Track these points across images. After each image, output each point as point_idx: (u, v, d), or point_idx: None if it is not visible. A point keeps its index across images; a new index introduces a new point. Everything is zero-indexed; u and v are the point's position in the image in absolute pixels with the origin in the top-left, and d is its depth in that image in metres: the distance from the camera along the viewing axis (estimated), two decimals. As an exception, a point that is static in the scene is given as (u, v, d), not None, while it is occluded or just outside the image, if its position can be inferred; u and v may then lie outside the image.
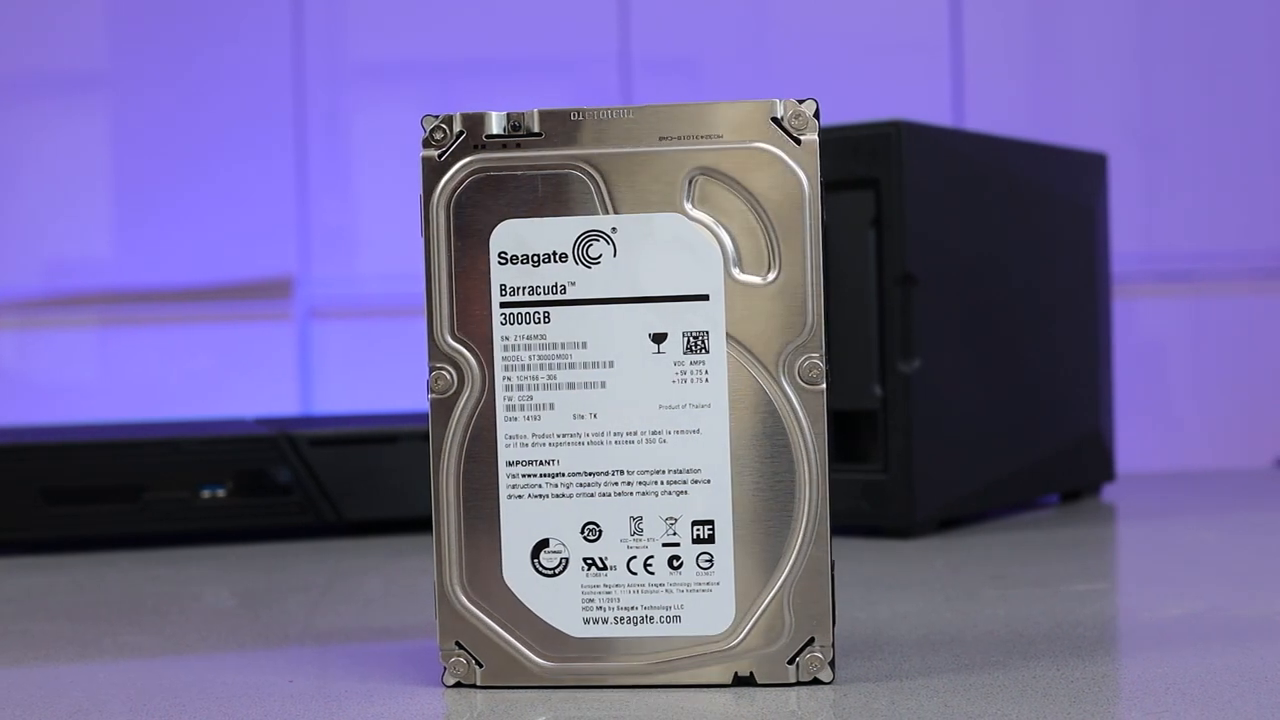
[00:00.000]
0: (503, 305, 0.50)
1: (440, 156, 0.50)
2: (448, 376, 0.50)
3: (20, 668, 0.57)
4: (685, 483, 0.49)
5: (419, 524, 0.89)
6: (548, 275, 0.50)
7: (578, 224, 0.49)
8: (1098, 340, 0.99)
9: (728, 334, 0.49)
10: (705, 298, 0.49)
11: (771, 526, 0.49)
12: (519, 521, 0.50)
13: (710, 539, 0.49)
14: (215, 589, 0.76)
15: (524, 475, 0.50)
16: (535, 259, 0.50)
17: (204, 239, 2.18)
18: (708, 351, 0.49)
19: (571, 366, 0.50)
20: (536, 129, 0.50)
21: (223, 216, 2.18)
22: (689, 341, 0.49)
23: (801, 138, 0.49)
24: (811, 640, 0.49)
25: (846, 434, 0.84)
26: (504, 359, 0.50)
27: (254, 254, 2.19)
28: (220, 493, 0.88)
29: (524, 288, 0.50)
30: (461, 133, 0.50)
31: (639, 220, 0.49)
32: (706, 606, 0.49)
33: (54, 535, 0.87)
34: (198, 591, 0.76)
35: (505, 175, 0.50)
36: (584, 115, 0.50)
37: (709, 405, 0.49)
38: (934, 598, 0.66)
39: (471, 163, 0.50)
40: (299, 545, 0.87)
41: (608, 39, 2.20)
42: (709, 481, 0.49)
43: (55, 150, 2.20)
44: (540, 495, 0.50)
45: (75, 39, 2.21)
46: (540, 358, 0.50)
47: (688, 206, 0.49)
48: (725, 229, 0.49)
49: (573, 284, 0.50)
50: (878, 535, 0.83)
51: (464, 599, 0.50)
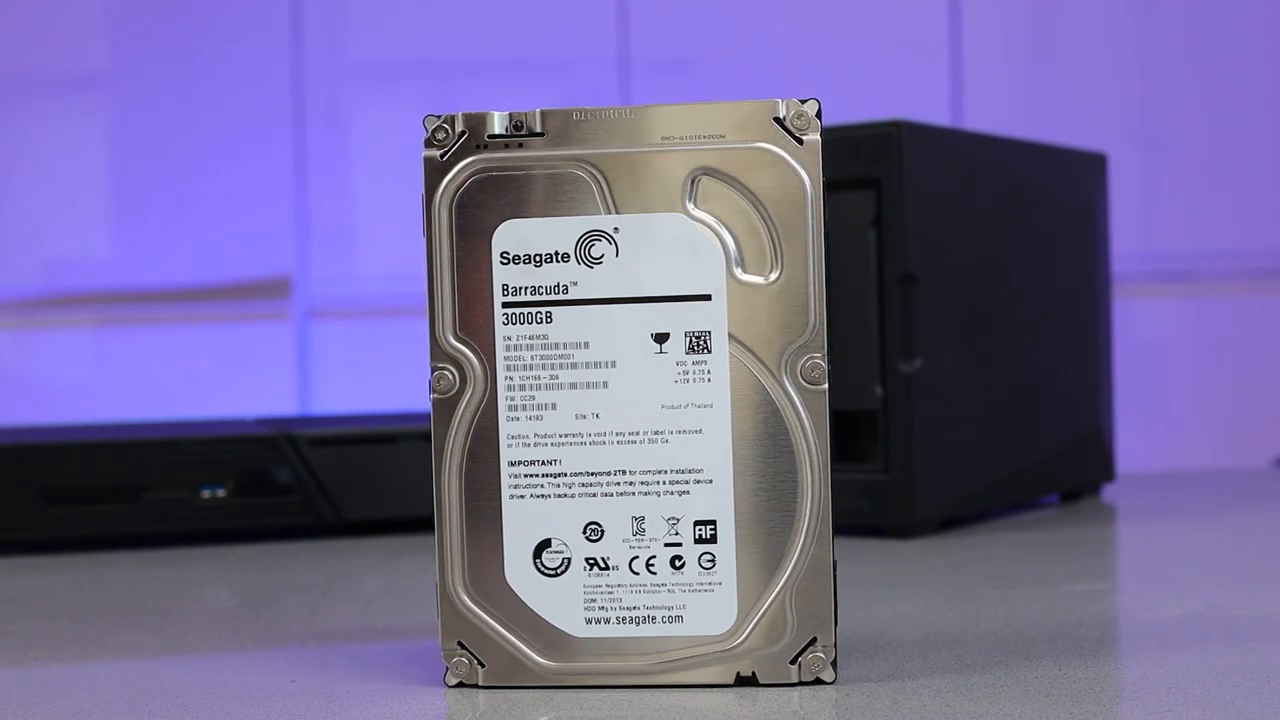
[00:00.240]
0: (505, 305, 0.50)
1: (442, 156, 0.50)
2: (450, 376, 0.50)
3: (21, 668, 0.57)
4: (687, 483, 0.49)
5: (419, 524, 0.89)
6: (550, 275, 0.50)
7: (580, 224, 0.49)
8: (1098, 340, 0.99)
9: (730, 334, 0.49)
10: (707, 298, 0.49)
11: (774, 526, 0.49)
12: (521, 521, 0.50)
13: (712, 539, 0.49)
14: (215, 589, 0.76)
15: (526, 475, 0.50)
16: (537, 259, 0.50)
17: (202, 239, 2.18)
18: (710, 351, 0.49)
19: (574, 366, 0.50)
20: (539, 129, 0.50)
21: (221, 216, 2.18)
22: (691, 341, 0.49)
23: (804, 138, 0.49)
24: (814, 640, 0.49)
25: (847, 434, 0.84)
26: (506, 359, 0.50)
27: (253, 254, 2.19)
28: (220, 493, 0.88)
29: (526, 288, 0.50)
30: (464, 133, 0.50)
31: (641, 220, 0.49)
32: (709, 606, 0.49)
33: (54, 535, 0.87)
34: (198, 591, 0.76)
35: (507, 175, 0.50)
36: (586, 115, 0.50)
37: (711, 405, 0.49)
38: (935, 598, 0.66)
39: (474, 163, 0.50)
40: (299, 545, 0.87)
41: (606, 39, 2.20)
42: (711, 481, 0.49)
43: (54, 150, 2.20)
44: (542, 495, 0.50)
45: (74, 39, 2.21)
46: (542, 358, 0.50)
47: (690, 206, 0.49)
48: (727, 229, 0.49)
49: (575, 284, 0.50)
50: (878, 535, 0.83)
51: (466, 599, 0.50)
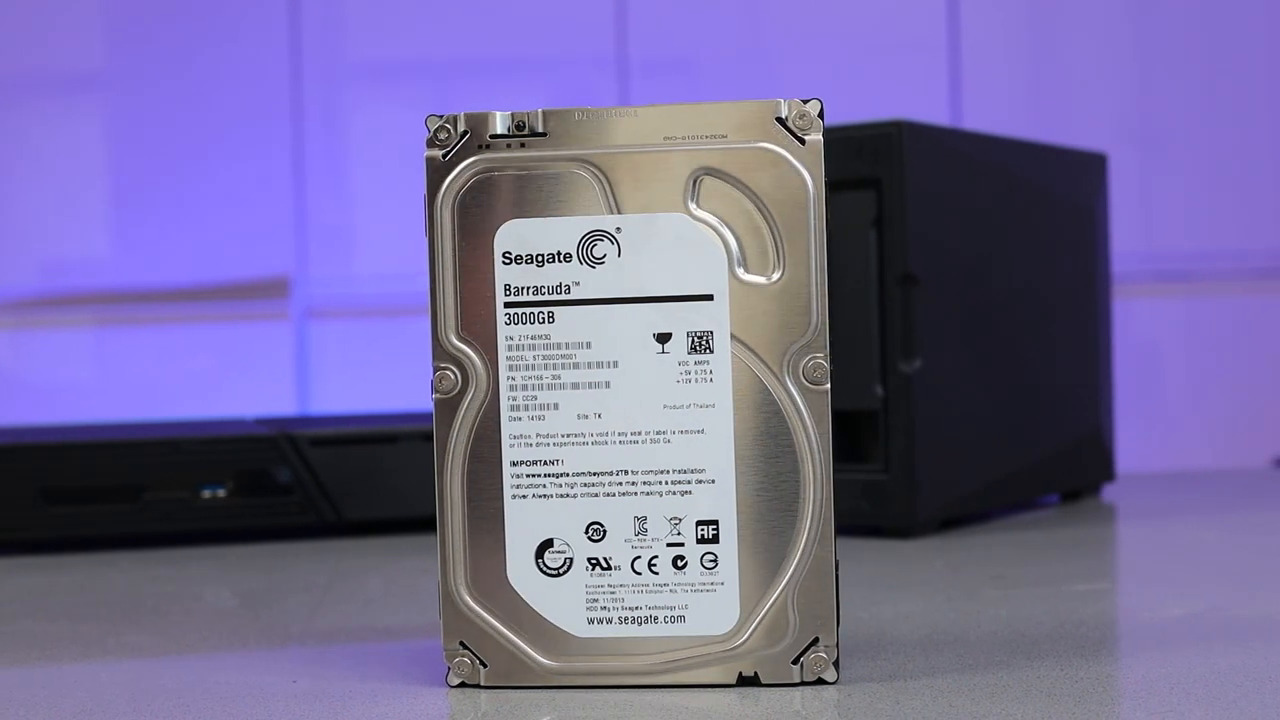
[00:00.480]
0: (507, 305, 0.50)
1: (444, 156, 0.50)
2: (452, 377, 0.50)
3: (23, 668, 0.57)
4: (690, 483, 0.49)
5: (419, 524, 0.89)
6: (552, 275, 0.50)
7: (582, 224, 0.49)
8: (1098, 340, 0.99)
9: (732, 334, 0.49)
10: (710, 298, 0.49)
11: (776, 526, 0.49)
12: (523, 521, 0.50)
13: (714, 539, 0.49)
14: (216, 589, 0.76)
15: (528, 475, 0.50)
16: (539, 259, 0.50)
17: (201, 239, 2.18)
18: (712, 351, 0.49)
19: (576, 366, 0.50)
20: (541, 129, 0.50)
21: (220, 216, 2.18)
22: (693, 341, 0.49)
23: (806, 138, 0.49)
24: (816, 640, 0.49)
25: (847, 434, 0.84)
26: (508, 359, 0.50)
27: (251, 254, 2.18)
28: (220, 493, 0.88)
29: (528, 288, 0.50)
30: (466, 133, 0.50)
31: (643, 220, 0.49)
32: (711, 606, 0.49)
33: (54, 535, 0.87)
34: (199, 591, 0.75)
35: (509, 175, 0.50)
36: (588, 115, 0.50)
37: (713, 405, 0.49)
38: (936, 598, 0.66)
39: (476, 163, 0.50)
40: (299, 545, 0.87)
41: (605, 39, 2.20)
42: (713, 481, 0.49)
43: (52, 150, 2.20)
44: (544, 495, 0.50)
45: (73, 39, 2.21)
46: (544, 358, 0.50)
47: (692, 206, 0.49)
48: (730, 229, 0.49)
49: (577, 284, 0.49)
50: (878, 535, 0.83)
51: (468, 599, 0.50)
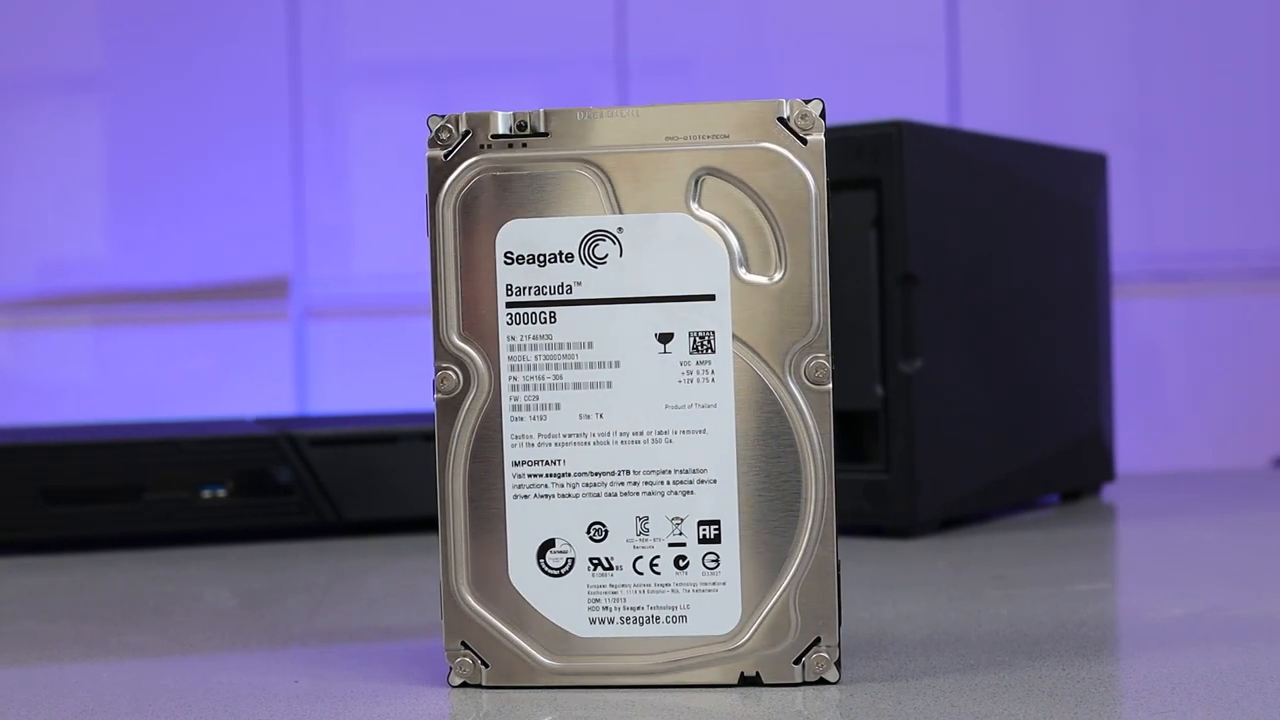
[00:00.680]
0: (509, 305, 0.50)
1: (446, 156, 0.50)
2: (454, 376, 0.50)
3: (25, 668, 0.57)
4: (691, 483, 0.49)
5: (419, 524, 0.89)
6: (554, 275, 0.50)
7: (584, 224, 0.49)
8: (1098, 340, 0.99)
9: (734, 334, 0.49)
10: (711, 298, 0.49)
11: (778, 526, 0.49)
12: (525, 521, 0.50)
13: (716, 539, 0.49)
14: (217, 589, 0.76)
15: (530, 475, 0.50)
16: (541, 259, 0.50)
17: (200, 239, 2.18)
18: (714, 351, 0.49)
19: (578, 366, 0.50)
20: (542, 129, 0.50)
21: (219, 216, 2.18)
22: (695, 341, 0.49)
23: (808, 138, 0.49)
24: (818, 640, 0.49)
25: (848, 434, 0.84)
26: (510, 359, 0.50)
27: (250, 254, 2.18)
28: (221, 493, 0.88)
29: (530, 288, 0.50)
30: (467, 132, 0.50)
31: (645, 220, 0.49)
32: (712, 606, 0.49)
33: (54, 535, 0.87)
34: (199, 591, 0.75)
35: (511, 175, 0.50)
36: (590, 115, 0.50)
37: (715, 405, 0.49)
38: (937, 598, 0.66)
39: (478, 163, 0.50)
40: (299, 545, 0.87)
41: (604, 39, 2.20)
42: (715, 481, 0.49)
43: (51, 150, 2.20)
44: (546, 495, 0.50)
45: (71, 39, 2.21)
46: (546, 358, 0.50)
47: (694, 206, 0.49)
48: (731, 229, 0.49)
49: (579, 284, 0.49)
50: (879, 535, 0.83)
51: (470, 599, 0.50)
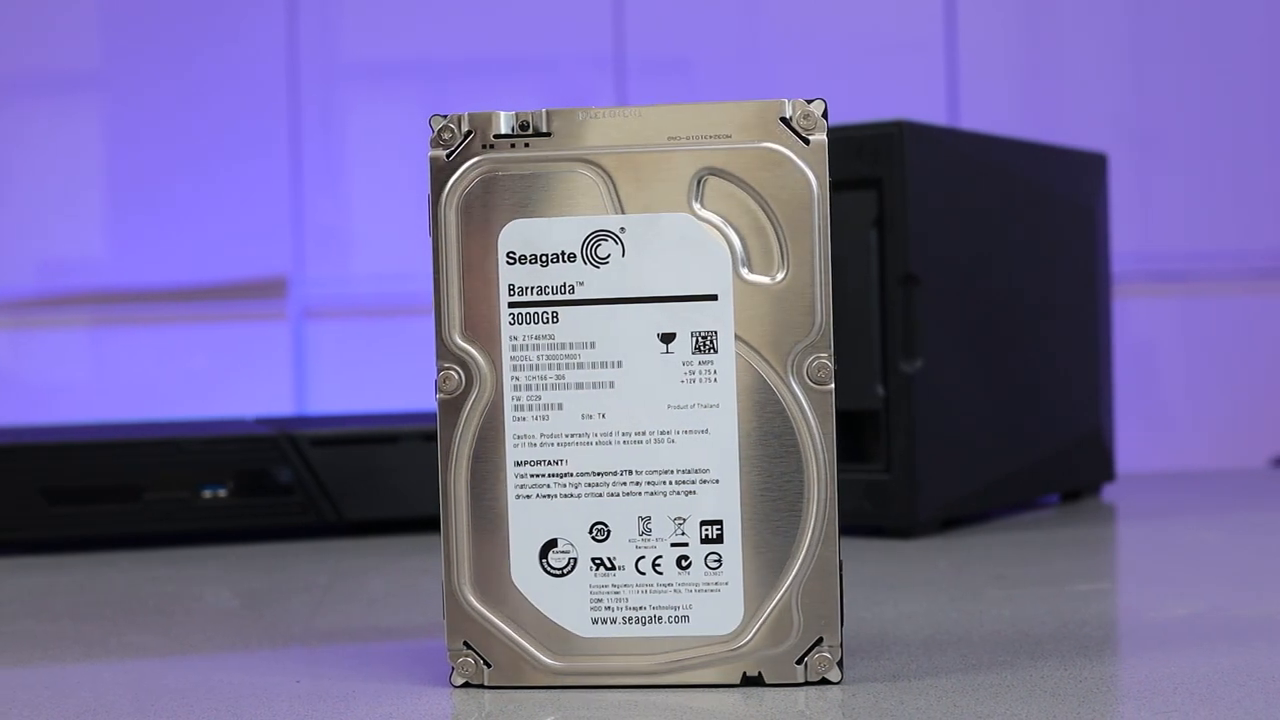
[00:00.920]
0: (511, 305, 0.50)
1: (448, 156, 0.50)
2: (456, 377, 0.50)
3: (26, 668, 0.57)
4: (694, 483, 0.49)
5: (420, 524, 0.89)
6: (556, 275, 0.50)
7: (586, 224, 0.49)
8: (1097, 340, 0.99)
9: (736, 334, 0.49)
10: (714, 298, 0.49)
11: (780, 526, 0.49)
12: (527, 521, 0.50)
13: (719, 539, 0.49)
14: (217, 589, 0.76)
15: (532, 475, 0.50)
16: (544, 259, 0.50)
17: (198, 239, 2.18)
18: (716, 351, 0.49)
19: (580, 366, 0.50)
20: (545, 129, 0.50)
21: (217, 216, 2.18)
22: (697, 341, 0.49)
23: (810, 138, 0.49)
24: (820, 640, 0.49)
25: (849, 434, 0.84)
26: (512, 359, 0.50)
27: (248, 254, 2.18)
28: (221, 493, 0.88)
29: (532, 288, 0.50)
30: (470, 132, 0.50)
31: (647, 220, 0.49)
32: (715, 606, 0.49)
33: (54, 535, 0.86)
34: (200, 591, 0.75)
35: (513, 175, 0.50)
36: (592, 115, 0.50)
37: (717, 405, 0.49)
38: (938, 598, 0.66)
39: (480, 162, 0.50)
40: (300, 545, 0.87)
41: (602, 39, 2.20)
42: (717, 481, 0.49)
43: (50, 150, 2.20)
44: (548, 495, 0.50)
45: (70, 39, 2.20)
46: (549, 358, 0.50)
47: (696, 206, 0.49)
48: (734, 229, 0.49)
49: (581, 284, 0.49)
50: (880, 535, 0.83)
51: (472, 599, 0.50)
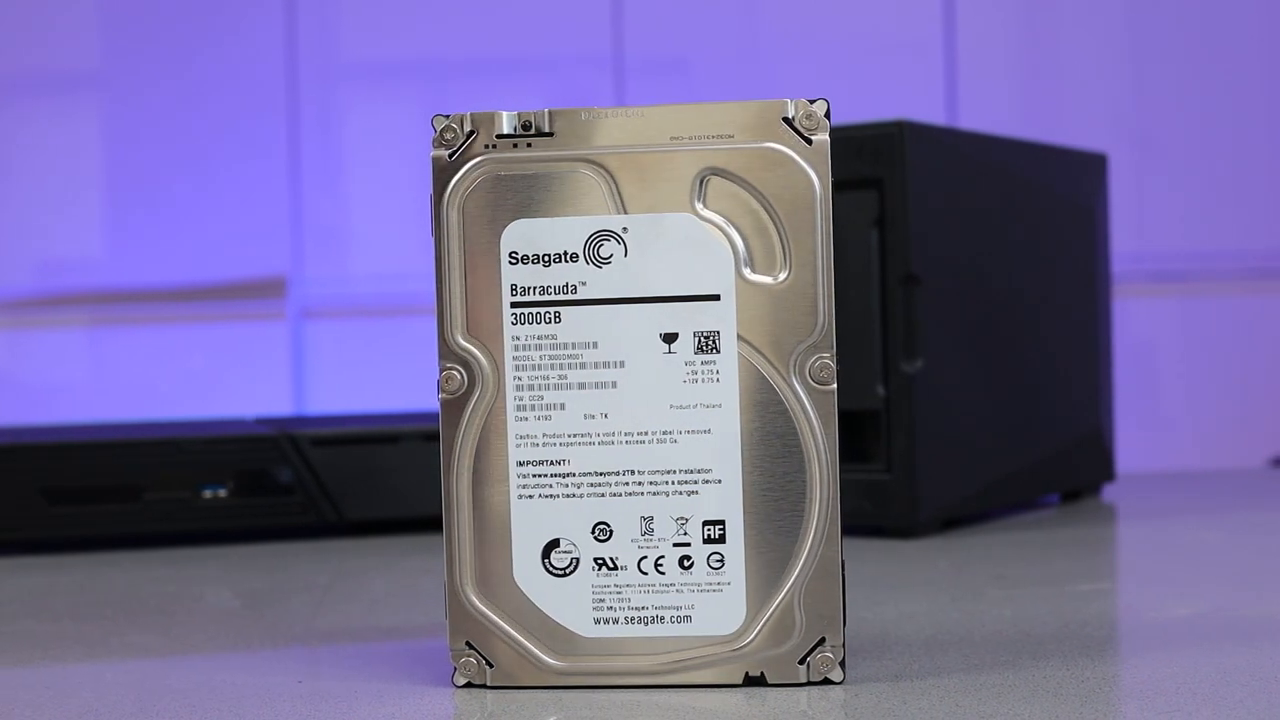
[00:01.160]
0: (513, 305, 0.50)
1: (451, 156, 0.50)
2: (458, 376, 0.50)
3: (27, 668, 0.57)
4: (696, 482, 0.49)
5: (420, 524, 0.89)
6: (558, 275, 0.50)
7: (589, 224, 0.49)
8: (1097, 340, 0.99)
9: (738, 334, 0.49)
10: (716, 298, 0.49)
11: (782, 526, 0.49)
12: (529, 521, 0.50)
13: (721, 539, 0.49)
14: (218, 589, 0.76)
15: (534, 475, 0.50)
16: (546, 259, 0.50)
17: (197, 239, 2.18)
18: (719, 351, 0.49)
19: (582, 366, 0.50)
20: (547, 129, 0.50)
21: (216, 216, 2.18)
22: (700, 341, 0.49)
23: (813, 138, 0.49)
24: (822, 640, 0.49)
25: (850, 434, 0.84)
26: (515, 359, 0.50)
27: (247, 254, 2.18)
28: (221, 493, 0.87)
29: (535, 287, 0.50)
30: (472, 132, 0.50)
31: (650, 220, 0.49)
32: (717, 606, 0.49)
33: (54, 535, 0.86)
34: (201, 592, 0.75)
35: (516, 175, 0.50)
36: (595, 115, 0.50)
37: (720, 405, 0.49)
38: (940, 598, 0.66)
39: (482, 162, 0.50)
40: (300, 545, 0.87)
41: (601, 40, 2.20)
42: (720, 481, 0.49)
43: (48, 149, 2.20)
44: (551, 495, 0.50)
45: (69, 39, 2.20)
46: (551, 358, 0.50)
47: (698, 206, 0.49)
48: (736, 229, 0.49)
49: (584, 284, 0.49)
50: (880, 535, 0.83)
51: (474, 599, 0.50)
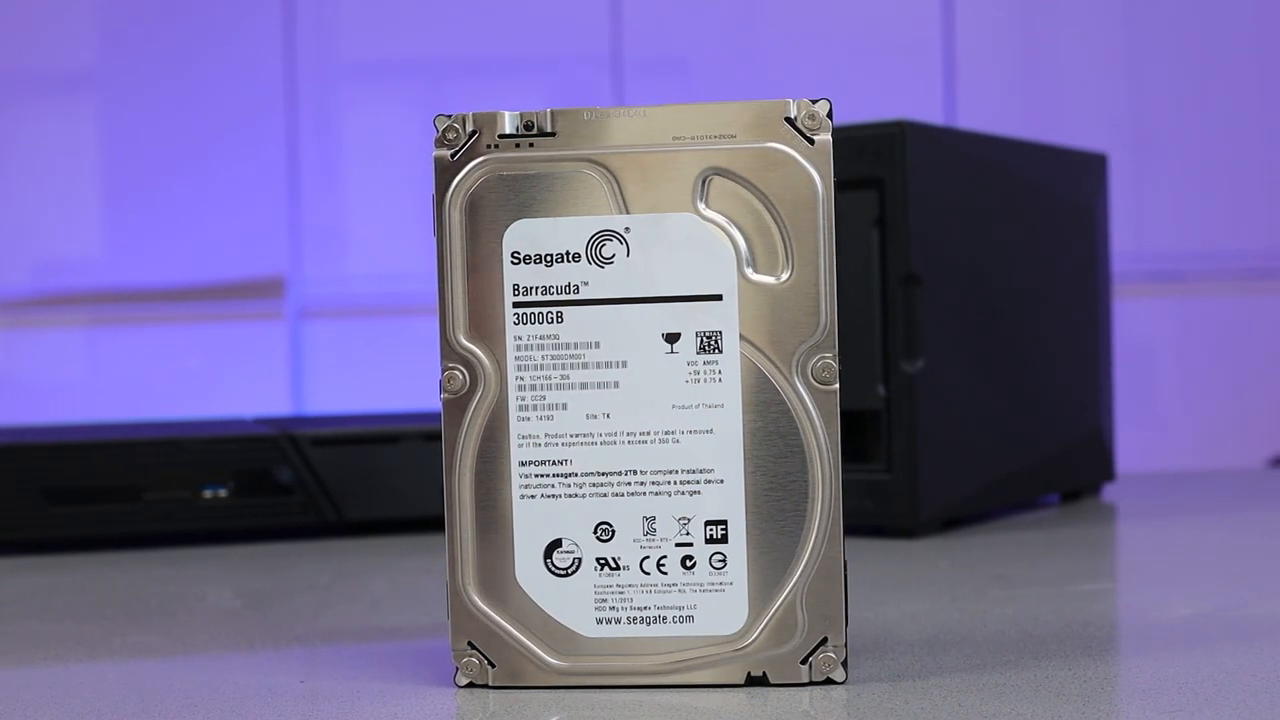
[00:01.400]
0: (516, 305, 0.50)
1: (453, 156, 0.50)
2: (460, 376, 0.50)
3: (29, 668, 0.57)
4: (698, 482, 0.49)
5: (420, 524, 0.89)
6: (561, 275, 0.50)
7: (591, 224, 0.49)
8: (1097, 340, 0.99)
9: (741, 334, 0.49)
10: (718, 298, 0.49)
11: (785, 526, 0.49)
12: (532, 521, 0.50)
13: (723, 539, 0.49)
14: (219, 589, 0.76)
15: (536, 475, 0.50)
16: (548, 259, 0.50)
17: (195, 239, 2.18)
18: (721, 351, 0.49)
19: (585, 366, 0.50)
20: (549, 129, 0.50)
21: (214, 216, 2.18)
22: (702, 341, 0.49)
23: (815, 138, 0.49)
24: (824, 640, 0.49)
25: (850, 434, 0.84)
26: (517, 359, 0.50)
27: (246, 254, 2.18)
28: (221, 493, 0.87)
29: (537, 288, 0.50)
30: (474, 132, 0.50)
31: (652, 220, 0.49)
32: (719, 606, 0.49)
33: (55, 535, 0.86)
34: (202, 592, 0.75)
35: (518, 175, 0.50)
36: (597, 115, 0.50)
37: (722, 405, 0.49)
38: (941, 598, 0.66)
39: (484, 162, 0.50)
40: (300, 545, 0.87)
41: (600, 39, 2.20)
42: (722, 481, 0.49)
43: (46, 149, 2.20)
44: (553, 495, 0.50)
45: (67, 38, 2.20)
46: (553, 358, 0.50)
47: (701, 206, 0.49)
48: (738, 229, 0.49)
49: (586, 284, 0.49)
50: (881, 535, 0.83)
51: (477, 599, 0.50)
